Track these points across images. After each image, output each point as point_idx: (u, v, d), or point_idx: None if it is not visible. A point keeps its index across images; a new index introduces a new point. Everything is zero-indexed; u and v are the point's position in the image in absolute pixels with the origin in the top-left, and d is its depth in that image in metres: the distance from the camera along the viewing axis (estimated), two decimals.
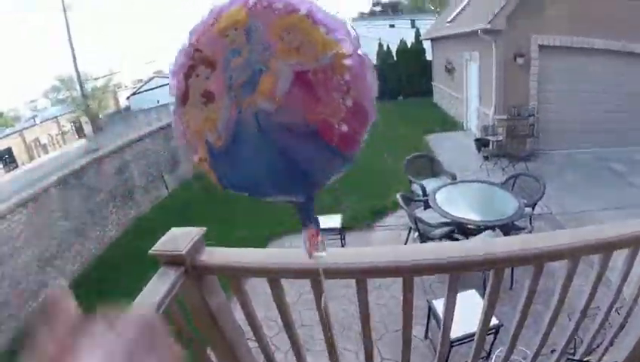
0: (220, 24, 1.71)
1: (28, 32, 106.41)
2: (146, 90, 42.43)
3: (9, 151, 41.03)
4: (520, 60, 9.26)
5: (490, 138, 9.64)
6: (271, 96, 1.73)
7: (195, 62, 1.69)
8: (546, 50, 9.24)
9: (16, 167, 39.88)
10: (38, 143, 42.68)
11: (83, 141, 35.10)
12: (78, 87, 34.81)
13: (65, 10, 31.16)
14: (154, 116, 25.85)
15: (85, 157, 10.42)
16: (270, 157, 1.75)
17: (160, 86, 39.36)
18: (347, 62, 1.80)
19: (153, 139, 11.39)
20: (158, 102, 36.10)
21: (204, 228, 1.32)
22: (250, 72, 1.75)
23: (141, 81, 55.77)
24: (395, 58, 19.85)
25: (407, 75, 19.41)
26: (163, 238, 1.31)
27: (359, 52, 1.80)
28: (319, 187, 1.88)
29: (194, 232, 1.29)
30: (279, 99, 1.71)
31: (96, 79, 38.66)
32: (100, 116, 37.39)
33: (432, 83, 18.24)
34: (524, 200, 5.27)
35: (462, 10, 13.40)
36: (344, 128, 1.83)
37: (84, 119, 40.02)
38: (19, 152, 41.32)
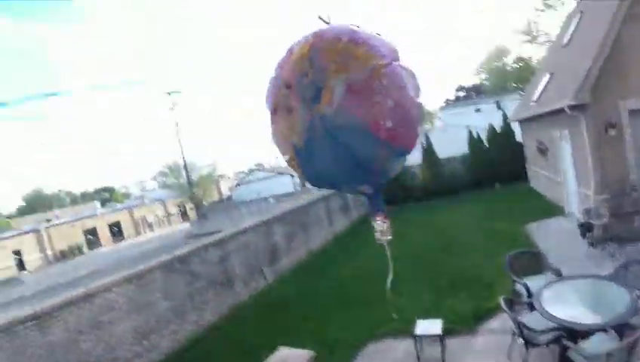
0: (293, 57, 2.24)
1: (137, 114, 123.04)
2: (247, 183, 45.26)
3: (118, 224, 46.15)
4: (612, 131, 8.78)
5: (593, 222, 8.88)
6: (330, 104, 2.18)
7: (280, 85, 2.20)
8: (637, 115, 8.72)
9: (123, 239, 44.51)
10: (144, 221, 47.42)
11: (187, 225, 38.17)
12: (184, 175, 38.04)
13: (172, 108, 35.39)
14: (254, 208, 27.58)
15: (188, 241, 11.15)
16: (336, 151, 2.14)
17: (261, 179, 41.50)
18: (384, 70, 2.20)
19: (255, 232, 12.15)
20: (258, 194, 37.94)
21: (313, 352, 1.41)
22: (314, 88, 2.23)
23: (242, 172, 60.58)
24: (486, 144, 19.67)
25: (500, 161, 18.92)
26: (273, 358, 1.42)
27: (399, 62, 2.17)
28: (381, 178, 2.09)
29: (303, 355, 1.39)
30: (336, 105, 2.14)
31: (200, 167, 42.20)
32: (204, 203, 40.30)
33: (526, 166, 17.58)
34: (639, 291, 4.70)
35: (545, 87, 13.15)
36: (389, 124, 2.17)
37: (188, 205, 43.79)
38: (127, 227, 46.20)
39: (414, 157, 22.85)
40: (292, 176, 41.02)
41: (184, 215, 49.72)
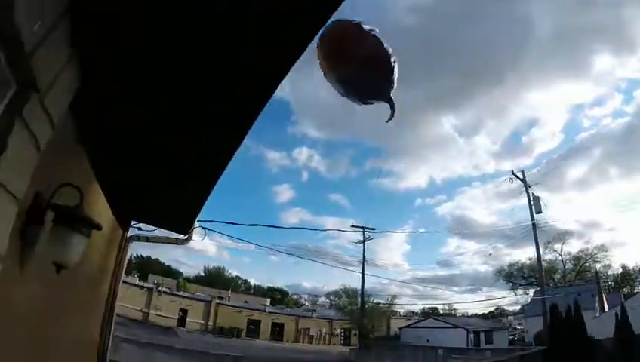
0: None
1: None
2: (418, 327, 42.04)
3: (281, 326, 47.01)
4: None
5: None
6: None
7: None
8: None
9: (281, 341, 44.68)
10: (307, 332, 47.25)
11: (346, 349, 36.36)
12: (358, 302, 37.11)
13: (360, 242, 35.92)
14: (419, 355, 24.62)
15: None
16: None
17: (432, 327, 38.69)
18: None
19: None
20: (427, 341, 35.24)
21: None
22: None
23: (415, 314, 56.76)
24: None
25: None
26: None
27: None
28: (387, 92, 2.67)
29: None
30: None
31: (377, 304, 40.98)
32: (370, 336, 38.37)
33: None
34: None
35: None
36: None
37: (354, 331, 42.35)
38: (288, 332, 46.61)
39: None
40: (467, 329, 37.43)
41: (346, 338, 47.88)
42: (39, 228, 2.04)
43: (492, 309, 75.18)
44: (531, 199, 25.53)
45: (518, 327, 55.57)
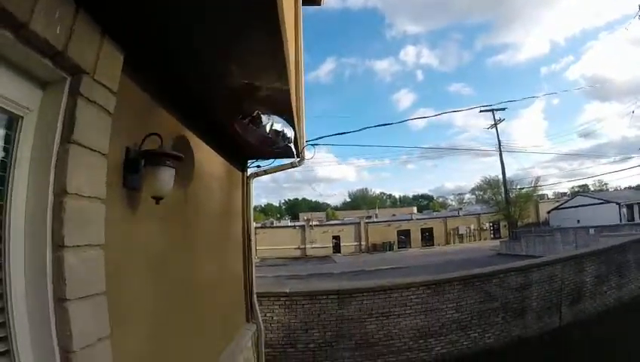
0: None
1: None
2: (566, 208, 40.93)
3: (430, 231, 49.05)
4: None
5: None
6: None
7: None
8: None
9: (432, 245, 46.87)
10: (456, 232, 48.60)
11: (496, 243, 36.53)
12: (502, 193, 36.74)
13: (491, 127, 34.86)
14: (570, 238, 24.01)
15: (492, 261, 10.65)
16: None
17: (581, 205, 37.65)
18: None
19: (563, 266, 10.86)
20: (578, 221, 34.70)
21: None
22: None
23: (564, 195, 53.73)
24: None
25: None
26: None
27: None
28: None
29: None
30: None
31: (521, 189, 39.83)
32: (518, 224, 38.03)
33: None
34: None
35: None
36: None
37: (502, 223, 42.19)
38: (438, 235, 48.45)
39: None
40: (618, 204, 35.78)
41: (496, 231, 47.99)
42: (137, 175, 2.38)
43: None
44: None
45: None
